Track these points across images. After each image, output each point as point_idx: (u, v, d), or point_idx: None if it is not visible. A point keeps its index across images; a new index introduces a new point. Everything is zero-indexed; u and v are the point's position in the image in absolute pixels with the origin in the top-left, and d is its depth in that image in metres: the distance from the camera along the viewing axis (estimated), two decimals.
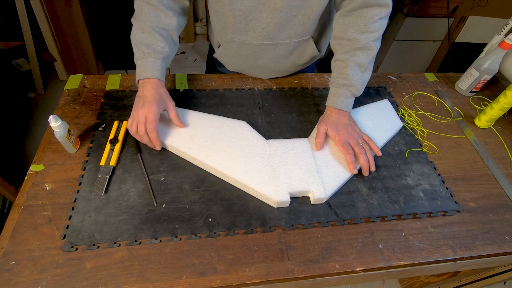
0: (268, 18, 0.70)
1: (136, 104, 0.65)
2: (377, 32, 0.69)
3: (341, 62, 0.70)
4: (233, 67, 0.88)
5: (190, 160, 0.67)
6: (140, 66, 0.67)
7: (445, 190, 0.69)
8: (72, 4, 1.76)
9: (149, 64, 0.66)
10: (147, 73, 0.66)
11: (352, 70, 0.69)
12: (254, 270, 0.54)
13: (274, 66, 0.84)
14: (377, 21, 0.68)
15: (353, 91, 0.70)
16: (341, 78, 0.70)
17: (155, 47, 0.67)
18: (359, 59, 0.69)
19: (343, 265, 0.56)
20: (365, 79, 0.71)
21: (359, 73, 0.70)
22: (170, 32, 0.70)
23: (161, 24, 0.68)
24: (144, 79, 0.66)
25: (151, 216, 0.59)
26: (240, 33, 0.74)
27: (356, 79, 0.69)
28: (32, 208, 0.58)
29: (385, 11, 0.68)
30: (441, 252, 0.60)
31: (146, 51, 0.66)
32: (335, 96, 0.71)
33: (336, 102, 0.70)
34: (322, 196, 0.62)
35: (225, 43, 0.79)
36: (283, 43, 0.77)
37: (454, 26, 1.87)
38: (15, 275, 0.50)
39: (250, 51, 0.79)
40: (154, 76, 0.66)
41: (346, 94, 0.70)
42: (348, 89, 0.70)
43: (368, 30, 0.68)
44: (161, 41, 0.67)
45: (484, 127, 0.85)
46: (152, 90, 0.65)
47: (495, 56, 0.85)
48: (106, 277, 0.51)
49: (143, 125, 0.63)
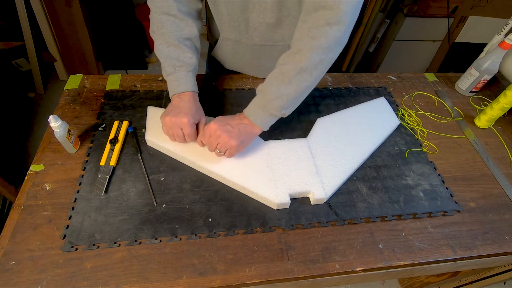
0: (259, 18, 0.69)
1: (169, 111, 0.64)
2: (318, 40, 0.55)
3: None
4: (230, 65, 0.88)
5: (189, 164, 0.67)
6: (173, 81, 0.66)
7: (445, 190, 0.69)
8: (72, 4, 1.76)
9: (182, 78, 0.66)
10: (182, 87, 0.65)
11: (272, 76, 0.61)
12: (254, 270, 0.54)
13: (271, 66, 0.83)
14: (322, 26, 0.54)
15: (264, 101, 0.61)
16: (262, 84, 0.63)
17: (184, 59, 0.66)
18: (283, 67, 0.59)
19: (343, 265, 0.56)
20: (286, 93, 0.59)
21: (279, 83, 0.59)
22: (193, 40, 0.69)
23: (184, 34, 0.67)
24: (179, 94, 0.66)
25: (151, 216, 0.59)
26: (235, 31, 0.74)
27: (272, 88, 0.60)
28: (32, 208, 0.58)
29: (333, 16, 0.53)
30: (441, 252, 0.60)
31: (176, 64, 0.66)
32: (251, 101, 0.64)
33: (247, 107, 0.64)
34: (322, 196, 0.62)
35: (221, 41, 0.79)
36: (277, 45, 0.76)
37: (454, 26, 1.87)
38: (15, 275, 0.50)
39: (246, 51, 0.78)
40: (189, 89, 0.66)
41: (256, 102, 0.63)
42: (260, 97, 0.62)
43: (309, 34, 0.56)
44: (188, 52, 0.67)
45: (484, 127, 0.85)
46: (188, 103, 0.65)
47: (495, 56, 0.85)
48: (106, 277, 0.51)
49: (180, 133, 0.64)
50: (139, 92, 0.81)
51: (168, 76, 0.67)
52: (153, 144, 0.69)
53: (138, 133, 0.72)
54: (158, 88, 0.83)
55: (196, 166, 0.66)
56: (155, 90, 0.82)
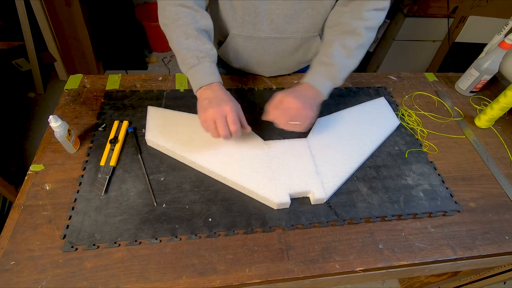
0: (278, 10, 0.70)
1: (205, 106, 0.60)
2: (370, 21, 0.66)
3: (326, 44, 0.67)
4: (237, 63, 0.87)
5: (189, 164, 0.67)
6: (197, 73, 0.63)
7: (445, 190, 0.69)
8: (72, 4, 1.76)
9: (207, 69, 0.63)
10: (209, 78, 0.62)
11: (335, 50, 0.65)
12: (254, 270, 0.54)
13: (279, 62, 0.83)
14: (371, 10, 0.65)
15: (332, 71, 0.65)
16: (323, 56, 0.66)
17: (206, 49, 0.63)
18: (345, 42, 0.65)
19: (343, 265, 0.56)
20: (348, 65, 0.67)
21: (343, 56, 0.65)
22: (209, 32, 0.67)
23: (201, 25, 0.65)
24: (208, 85, 0.62)
25: (151, 216, 0.59)
26: (248, 26, 0.74)
27: (338, 60, 0.65)
28: (32, 208, 0.58)
29: (382, 3, 0.66)
30: (441, 252, 0.60)
31: (200, 56, 0.62)
32: (312, 73, 0.66)
33: (311, 79, 0.65)
34: (322, 196, 0.62)
35: (230, 38, 0.79)
36: (291, 38, 0.76)
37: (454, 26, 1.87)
38: (15, 275, 0.50)
39: (257, 45, 0.78)
40: (217, 80, 0.63)
41: (323, 73, 0.65)
42: (327, 68, 0.65)
43: (361, 17, 0.65)
44: (208, 43, 0.64)
45: (484, 127, 0.85)
46: (220, 92, 0.62)
47: (495, 56, 0.85)
48: (106, 277, 0.51)
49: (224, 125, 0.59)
50: (139, 92, 0.81)
51: (192, 69, 0.63)
52: (153, 144, 0.69)
53: (138, 133, 0.72)
54: (158, 88, 0.83)
55: (196, 166, 0.66)
56: (155, 90, 0.82)
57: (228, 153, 0.67)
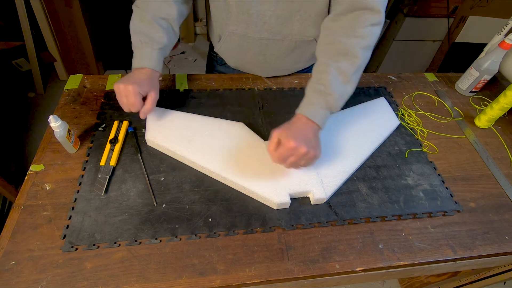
0: (270, 11, 0.70)
1: (122, 78, 0.65)
2: (365, 39, 0.60)
3: (321, 67, 0.62)
4: (234, 62, 0.88)
5: (189, 164, 0.67)
6: (136, 55, 0.67)
7: (445, 190, 0.69)
8: (72, 4, 1.76)
9: (146, 54, 0.66)
10: (143, 62, 0.66)
11: (332, 76, 0.59)
12: (254, 270, 0.54)
13: (275, 63, 0.83)
14: (367, 26, 0.60)
15: (329, 101, 0.60)
16: (319, 84, 0.60)
17: (153, 36, 0.66)
18: (341, 66, 0.60)
19: (343, 265, 0.56)
20: (345, 92, 0.62)
21: (340, 83, 0.60)
22: (170, 22, 0.69)
23: (162, 13, 0.67)
24: (138, 68, 0.66)
25: (151, 216, 0.59)
26: (242, 25, 0.74)
27: (335, 88, 0.60)
28: (32, 208, 0.58)
29: (377, 18, 0.60)
30: (441, 252, 0.60)
31: (143, 40, 0.66)
32: (308, 103, 0.61)
33: (307, 110, 0.60)
34: (322, 196, 0.62)
35: (226, 36, 0.79)
36: (285, 40, 0.76)
37: (454, 26, 1.87)
38: (15, 275, 0.50)
39: (252, 45, 0.78)
40: (149, 66, 0.66)
41: (320, 104, 0.60)
42: (323, 98, 0.60)
43: (355, 35, 0.60)
44: (160, 32, 0.66)
45: (484, 127, 0.85)
46: (142, 75, 0.65)
47: (495, 56, 0.85)
48: (106, 277, 0.51)
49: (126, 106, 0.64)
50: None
51: (134, 50, 0.67)
52: (153, 144, 0.69)
53: (138, 133, 0.72)
54: None
55: (196, 166, 0.66)
56: None
57: (227, 153, 0.67)
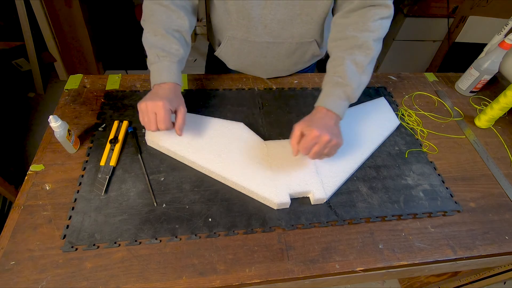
0: (271, 15, 0.70)
1: (145, 97, 0.62)
2: (377, 32, 0.64)
3: (336, 61, 0.65)
4: (234, 65, 0.88)
5: (189, 164, 0.67)
6: (155, 70, 0.64)
7: (445, 190, 0.69)
8: (72, 4, 1.76)
9: (165, 68, 0.63)
10: (163, 77, 0.63)
11: (348, 68, 0.62)
12: (254, 270, 0.54)
13: (276, 64, 0.83)
14: (377, 20, 0.64)
15: (348, 92, 0.62)
16: (336, 76, 0.63)
17: (170, 49, 0.64)
18: (356, 58, 0.63)
19: (343, 265, 0.56)
20: (362, 82, 0.64)
21: (356, 74, 0.63)
22: (183, 33, 0.67)
23: (174, 25, 0.65)
24: (160, 84, 0.63)
25: (151, 216, 0.59)
26: (242, 29, 0.74)
27: (352, 79, 0.62)
28: (32, 208, 0.58)
29: (386, 12, 0.65)
30: (441, 252, 0.60)
31: (161, 54, 0.63)
32: (327, 95, 0.63)
33: (327, 102, 0.62)
34: (323, 196, 0.62)
35: (226, 40, 0.79)
36: (285, 43, 0.76)
37: (454, 26, 1.87)
38: (15, 275, 0.50)
39: (252, 49, 0.78)
40: (171, 80, 0.63)
41: (339, 95, 0.62)
42: (342, 89, 0.62)
43: (367, 29, 0.64)
44: (175, 43, 0.64)
45: (484, 127, 0.85)
46: (167, 90, 0.62)
47: (495, 56, 0.85)
48: (106, 277, 0.51)
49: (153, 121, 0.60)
50: (139, 92, 0.81)
51: (152, 66, 0.65)
52: (153, 144, 0.69)
53: (138, 133, 0.72)
54: None
55: (196, 166, 0.66)
56: None
57: (228, 153, 0.67)
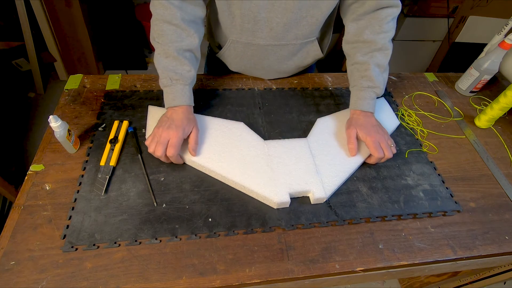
0: (277, 19, 0.70)
1: (160, 123, 0.64)
2: (391, 32, 0.72)
3: (361, 65, 0.72)
4: (236, 67, 0.88)
5: (189, 163, 0.67)
6: (169, 93, 0.66)
7: (445, 190, 0.69)
8: (72, 4, 1.76)
9: (178, 91, 0.65)
10: (177, 101, 0.65)
11: (374, 72, 0.71)
12: (254, 270, 0.54)
13: (278, 66, 0.83)
14: (390, 21, 0.70)
15: (377, 92, 0.72)
16: (365, 81, 0.71)
17: (182, 72, 0.65)
18: (378, 61, 0.71)
19: (343, 265, 0.56)
20: (385, 79, 0.74)
21: (380, 74, 0.72)
22: (193, 51, 0.68)
23: (184, 45, 0.66)
24: (174, 107, 0.65)
25: (151, 216, 0.59)
26: (247, 33, 0.74)
27: (379, 80, 0.71)
28: (32, 208, 0.58)
29: (397, 11, 0.71)
30: (441, 252, 0.60)
31: (174, 77, 0.65)
32: (360, 98, 0.72)
33: (362, 104, 0.71)
34: (322, 196, 0.62)
35: (229, 44, 0.79)
36: (289, 44, 0.76)
37: (454, 26, 1.87)
38: (15, 275, 0.50)
39: (256, 52, 0.78)
40: (184, 103, 0.65)
41: (371, 96, 0.71)
42: (372, 91, 0.71)
43: (383, 31, 0.70)
44: (186, 65, 0.66)
45: (484, 127, 0.85)
46: (181, 115, 0.64)
47: (495, 56, 0.85)
48: (106, 277, 0.51)
49: (163, 147, 0.61)
50: (139, 92, 0.81)
51: (165, 88, 0.67)
52: None
53: (138, 133, 0.72)
54: (158, 88, 0.83)
55: (196, 166, 0.66)
56: (155, 90, 0.82)
57: (228, 153, 0.67)
